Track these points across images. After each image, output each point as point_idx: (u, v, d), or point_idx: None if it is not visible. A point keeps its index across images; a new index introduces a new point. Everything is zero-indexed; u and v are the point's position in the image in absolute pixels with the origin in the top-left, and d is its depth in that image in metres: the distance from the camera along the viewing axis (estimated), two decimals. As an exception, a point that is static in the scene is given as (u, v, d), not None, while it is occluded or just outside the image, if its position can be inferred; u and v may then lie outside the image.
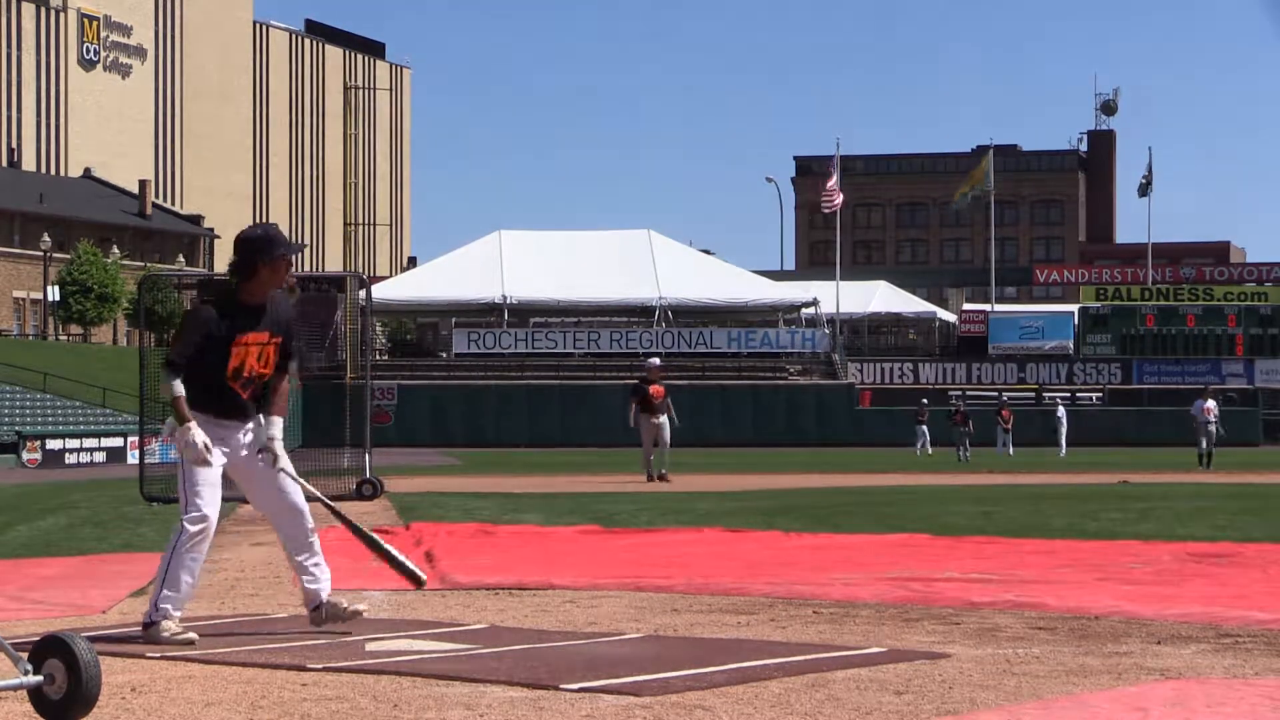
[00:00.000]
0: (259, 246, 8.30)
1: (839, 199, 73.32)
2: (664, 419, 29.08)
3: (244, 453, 8.37)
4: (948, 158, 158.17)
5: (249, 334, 8.22)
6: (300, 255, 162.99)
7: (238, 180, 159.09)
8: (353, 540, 15.46)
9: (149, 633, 8.03)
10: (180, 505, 8.29)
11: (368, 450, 23.24)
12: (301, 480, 8.53)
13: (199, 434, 8.12)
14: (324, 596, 8.49)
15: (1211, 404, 40.86)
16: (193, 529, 8.17)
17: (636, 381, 30.45)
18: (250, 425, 8.40)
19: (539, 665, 7.17)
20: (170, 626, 8.01)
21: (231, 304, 8.26)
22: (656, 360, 31.80)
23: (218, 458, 8.21)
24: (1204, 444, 39.83)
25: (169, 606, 8.07)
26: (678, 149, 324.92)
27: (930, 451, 50.65)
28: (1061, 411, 53.70)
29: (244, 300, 8.27)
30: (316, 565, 8.51)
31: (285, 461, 8.39)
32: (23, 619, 9.23)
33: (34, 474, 40.10)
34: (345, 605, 8.50)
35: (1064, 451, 50.75)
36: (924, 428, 52.44)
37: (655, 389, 29.27)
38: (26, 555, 14.11)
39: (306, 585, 8.50)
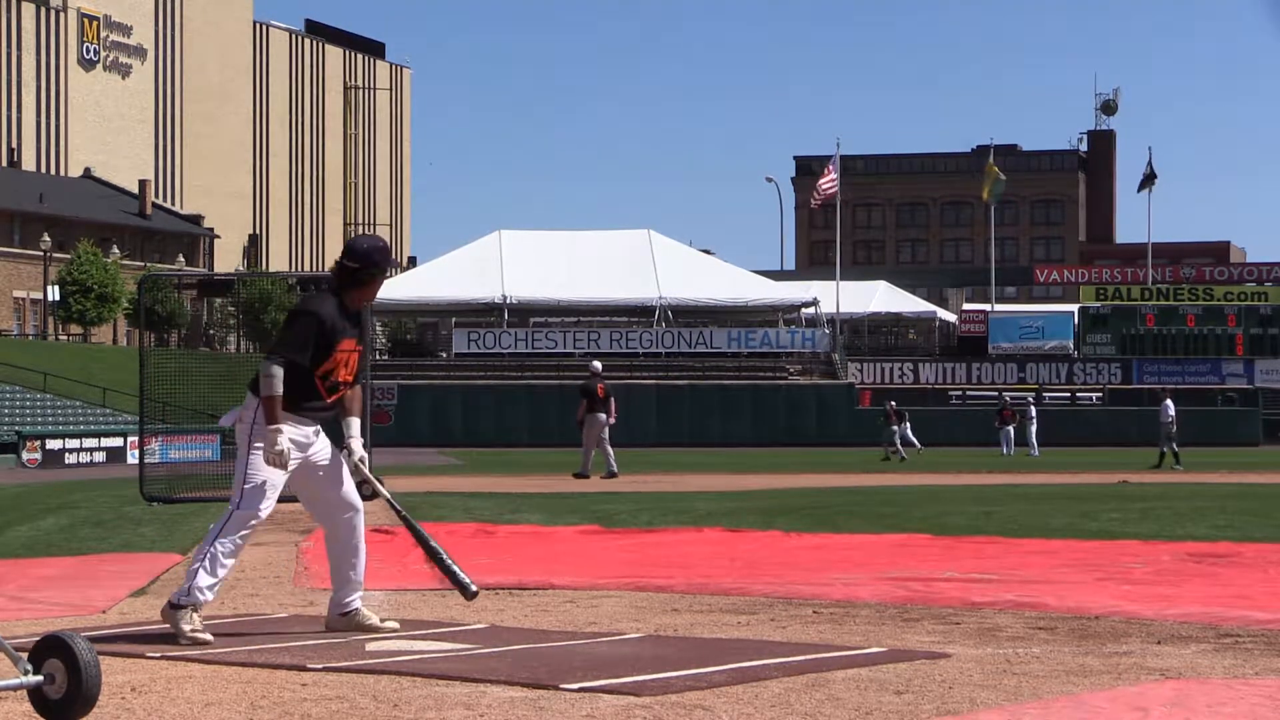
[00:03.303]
0: (380, 258, 8.40)
1: (832, 190, 73.23)
2: (608, 421, 30.43)
3: (314, 457, 8.40)
4: (948, 158, 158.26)
5: (348, 339, 8.30)
6: (301, 255, 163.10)
7: (238, 180, 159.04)
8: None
9: (173, 613, 8.04)
10: (233, 496, 8.29)
11: (368, 450, 23.23)
12: (379, 484, 8.59)
13: (286, 440, 8.14)
14: (356, 605, 8.55)
15: (1167, 404, 40.87)
16: (242, 517, 8.20)
17: (583, 383, 31.48)
18: (319, 430, 8.46)
19: (539, 665, 7.17)
20: (195, 621, 8.03)
21: (341, 308, 8.30)
22: (598, 364, 32.97)
23: (292, 465, 8.26)
24: (1163, 444, 39.80)
25: (199, 595, 8.08)
26: (678, 149, 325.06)
27: (1013, 452, 49.81)
28: (1033, 411, 53.48)
29: (348, 307, 8.33)
30: (356, 576, 8.55)
31: (363, 456, 8.47)
32: (23, 619, 9.23)
33: (34, 474, 40.08)
34: (373, 620, 8.53)
35: (1035, 450, 50.58)
36: (1010, 429, 51.58)
37: (599, 387, 30.67)
38: (26, 555, 14.11)
39: (340, 594, 8.56)
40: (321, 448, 8.45)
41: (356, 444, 8.45)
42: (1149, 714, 5.96)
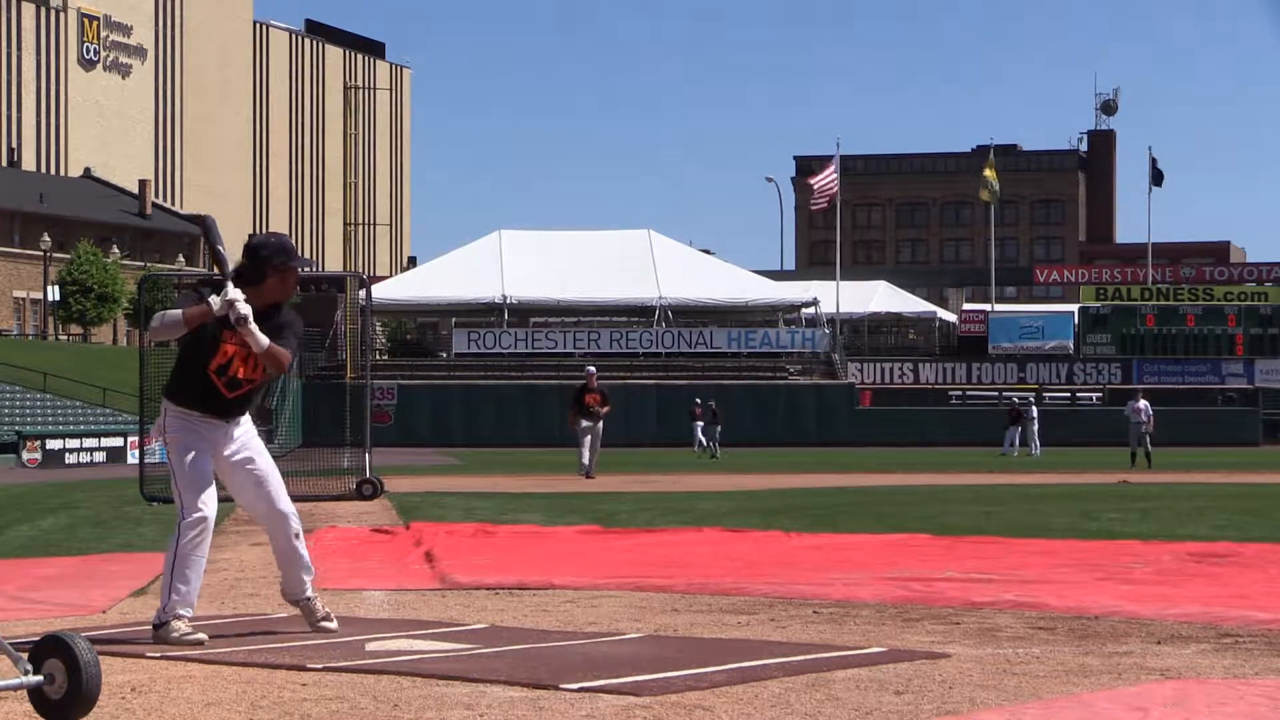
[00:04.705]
0: (270, 255, 8.28)
1: (832, 192, 73.23)
2: (599, 424, 30.88)
3: (229, 455, 8.34)
4: (948, 158, 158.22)
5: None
6: (300, 255, 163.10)
7: (238, 180, 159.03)
8: (351, 541, 15.49)
9: (159, 634, 8.04)
10: (176, 506, 8.29)
11: (368, 450, 23.24)
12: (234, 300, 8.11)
13: (231, 294, 8.00)
14: (304, 595, 8.53)
15: (1143, 404, 40.58)
16: (191, 530, 8.17)
17: (578, 389, 31.73)
18: (235, 428, 8.36)
19: (539, 665, 7.17)
20: (180, 627, 8.03)
21: None
22: (593, 369, 32.87)
23: (191, 453, 8.18)
24: (1134, 444, 39.63)
25: (179, 610, 8.08)
26: (678, 149, 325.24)
27: (1016, 452, 50.02)
28: (1034, 411, 53.45)
29: (252, 304, 8.22)
30: (297, 567, 8.52)
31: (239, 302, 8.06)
32: (23, 619, 9.23)
33: (34, 474, 40.07)
34: (320, 611, 8.53)
35: (1037, 450, 50.52)
36: (1016, 429, 51.75)
37: (591, 396, 30.92)
38: (26, 555, 14.11)
39: (286, 583, 8.60)
40: (242, 448, 8.35)
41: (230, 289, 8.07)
42: (1149, 714, 5.96)
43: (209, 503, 8.22)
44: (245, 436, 8.39)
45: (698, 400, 54.92)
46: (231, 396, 8.27)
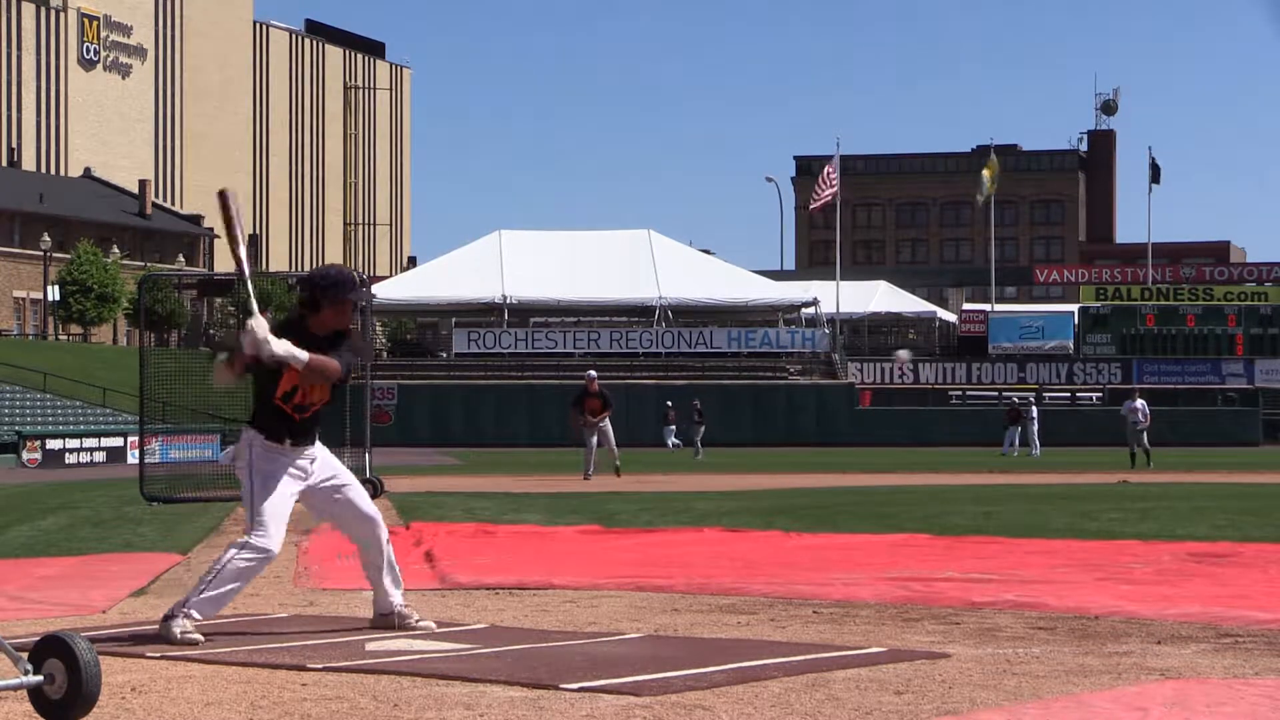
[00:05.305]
0: (326, 288, 8.41)
1: (830, 194, 73.28)
2: (605, 424, 31.13)
3: (316, 483, 8.47)
4: (948, 158, 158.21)
5: None
6: (301, 255, 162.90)
7: (238, 180, 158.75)
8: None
9: (164, 625, 8.06)
10: (248, 523, 8.36)
11: (368, 450, 23.25)
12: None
13: (257, 323, 8.06)
14: (395, 607, 8.59)
15: (1139, 404, 40.34)
16: (252, 553, 8.23)
17: (578, 393, 31.91)
18: (314, 452, 8.49)
19: (539, 665, 7.17)
20: (185, 625, 8.05)
21: (296, 329, 8.32)
22: (593, 373, 33.00)
23: (294, 488, 8.27)
24: (1132, 444, 39.47)
25: (195, 611, 8.11)
26: (678, 149, 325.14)
27: (1015, 452, 49.92)
28: (1034, 411, 53.35)
29: (310, 329, 8.35)
30: (391, 577, 8.61)
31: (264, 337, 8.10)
32: (23, 619, 9.23)
33: (34, 474, 40.07)
34: (414, 619, 8.58)
35: (1037, 450, 50.43)
36: (1016, 429, 51.56)
37: (592, 402, 31.13)
38: (26, 555, 14.11)
39: (379, 596, 8.63)
40: (328, 476, 8.52)
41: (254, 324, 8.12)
42: (1149, 714, 5.96)
43: (278, 537, 8.28)
44: (323, 460, 8.56)
45: (669, 403, 54.82)
46: (300, 420, 8.42)
